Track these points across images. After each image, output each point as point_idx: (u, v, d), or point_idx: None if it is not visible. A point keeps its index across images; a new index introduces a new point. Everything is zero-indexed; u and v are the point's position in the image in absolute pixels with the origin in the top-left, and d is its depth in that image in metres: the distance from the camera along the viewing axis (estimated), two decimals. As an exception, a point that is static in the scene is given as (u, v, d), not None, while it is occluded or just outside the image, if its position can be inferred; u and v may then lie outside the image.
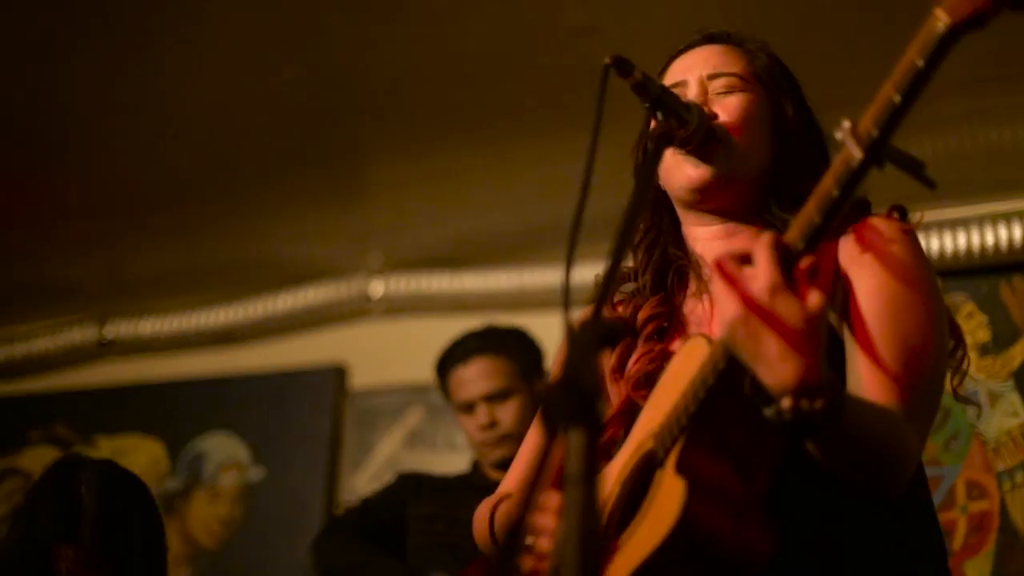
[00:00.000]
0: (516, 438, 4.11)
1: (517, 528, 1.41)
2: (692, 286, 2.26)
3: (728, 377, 1.84)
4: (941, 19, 1.63)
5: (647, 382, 2.15)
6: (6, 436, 6.02)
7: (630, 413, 2.18)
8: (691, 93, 2.23)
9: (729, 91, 2.23)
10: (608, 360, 2.24)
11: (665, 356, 2.17)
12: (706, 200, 2.22)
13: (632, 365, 2.20)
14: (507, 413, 4.11)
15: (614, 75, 2.01)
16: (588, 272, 2.31)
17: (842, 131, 1.74)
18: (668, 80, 2.28)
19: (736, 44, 2.30)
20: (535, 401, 3.98)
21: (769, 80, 2.27)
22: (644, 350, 2.20)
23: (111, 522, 3.02)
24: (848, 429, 1.82)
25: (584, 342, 1.43)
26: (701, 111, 2.14)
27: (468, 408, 4.15)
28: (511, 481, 2.45)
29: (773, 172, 2.22)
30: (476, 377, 4.15)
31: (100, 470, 3.12)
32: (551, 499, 1.94)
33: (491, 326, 4.34)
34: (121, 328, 5.95)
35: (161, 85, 4.43)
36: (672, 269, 2.27)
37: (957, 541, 4.18)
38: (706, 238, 2.26)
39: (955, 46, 1.64)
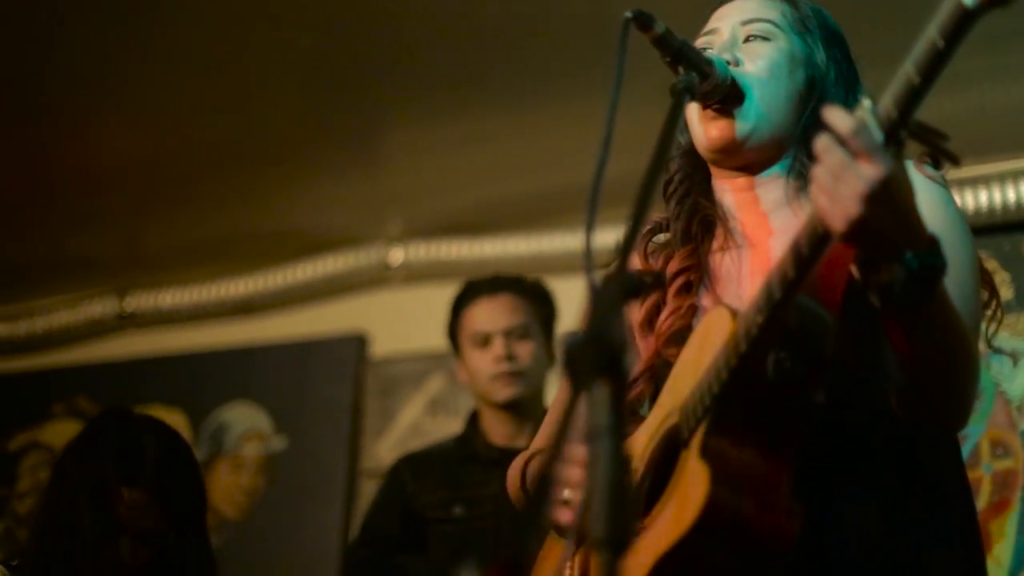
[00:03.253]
0: (529, 378, 4.08)
1: (545, 481, 1.40)
2: (720, 238, 2.24)
3: (751, 359, 1.84)
4: None
5: (678, 339, 2.13)
6: (29, 410, 6.03)
7: (659, 369, 2.18)
8: (721, 39, 2.22)
9: (759, 38, 2.21)
10: (638, 314, 2.23)
11: (694, 311, 2.16)
12: (730, 158, 2.22)
13: (662, 322, 2.18)
14: (525, 350, 4.06)
15: (635, 32, 2.00)
16: (609, 235, 2.30)
17: (862, 110, 1.73)
18: (703, 30, 2.27)
19: None
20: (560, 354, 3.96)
21: (806, 30, 2.24)
22: (673, 306, 2.19)
23: (170, 468, 3.06)
24: (945, 306, 1.86)
25: (609, 295, 1.42)
26: (724, 65, 2.13)
27: (484, 340, 4.08)
28: (542, 438, 2.43)
29: (806, 125, 2.19)
30: (502, 310, 4.10)
31: (152, 420, 3.20)
32: (578, 452, 1.94)
33: (518, 275, 4.32)
34: (141, 301, 5.96)
35: (177, 57, 4.43)
36: (699, 219, 2.26)
37: (982, 500, 4.17)
38: (734, 189, 2.25)
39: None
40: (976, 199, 4.38)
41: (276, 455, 5.56)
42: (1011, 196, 4.40)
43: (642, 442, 2.08)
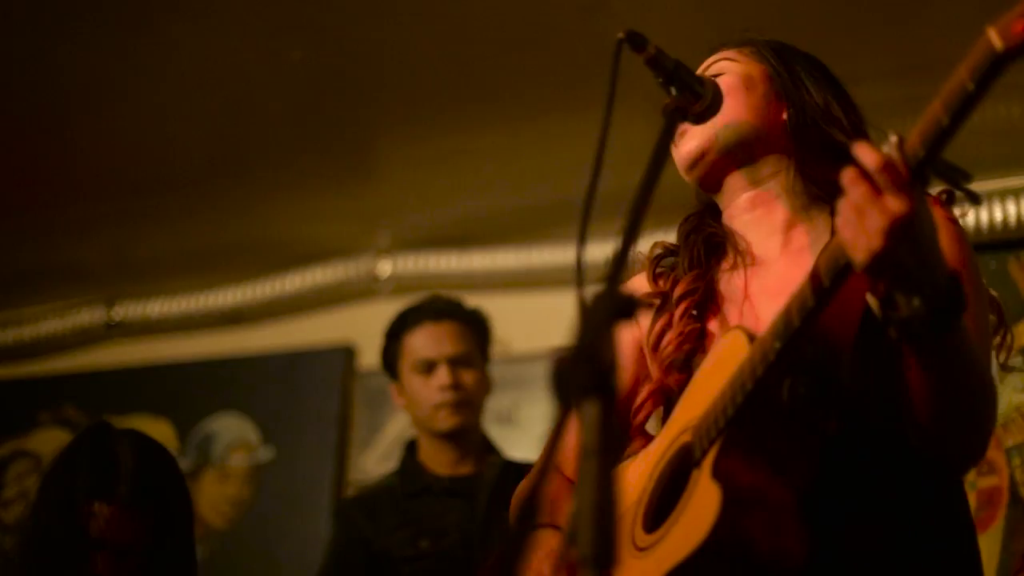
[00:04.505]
0: (474, 407, 4.05)
1: (531, 503, 1.41)
2: (729, 259, 2.27)
3: (766, 384, 1.86)
4: (995, 42, 1.61)
5: (680, 365, 2.16)
6: (16, 418, 6.02)
7: (667, 391, 2.20)
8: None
9: (716, 75, 2.26)
10: (646, 336, 2.26)
11: (700, 337, 2.18)
12: (709, 176, 2.27)
13: (664, 346, 2.21)
14: (470, 378, 4.04)
15: (626, 51, 2.01)
16: (598, 250, 2.31)
17: (889, 146, 1.75)
18: None
19: (739, 44, 2.36)
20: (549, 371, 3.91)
21: (768, 54, 2.31)
22: (678, 330, 2.21)
23: (147, 481, 3.03)
24: (964, 342, 1.87)
25: (599, 313, 1.43)
26: (716, 86, 2.14)
27: (428, 368, 4.04)
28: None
29: (788, 142, 2.25)
30: (444, 337, 4.07)
31: (132, 434, 3.16)
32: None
33: (453, 298, 4.29)
34: (129, 310, 5.96)
35: (168, 66, 4.43)
36: (704, 239, 2.29)
37: (966, 517, 4.18)
38: (738, 212, 2.29)
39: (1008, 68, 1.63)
40: (963, 217, 4.39)
41: (263, 466, 5.56)
42: (998, 215, 4.42)
43: (653, 459, 2.09)
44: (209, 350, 5.82)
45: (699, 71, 2.28)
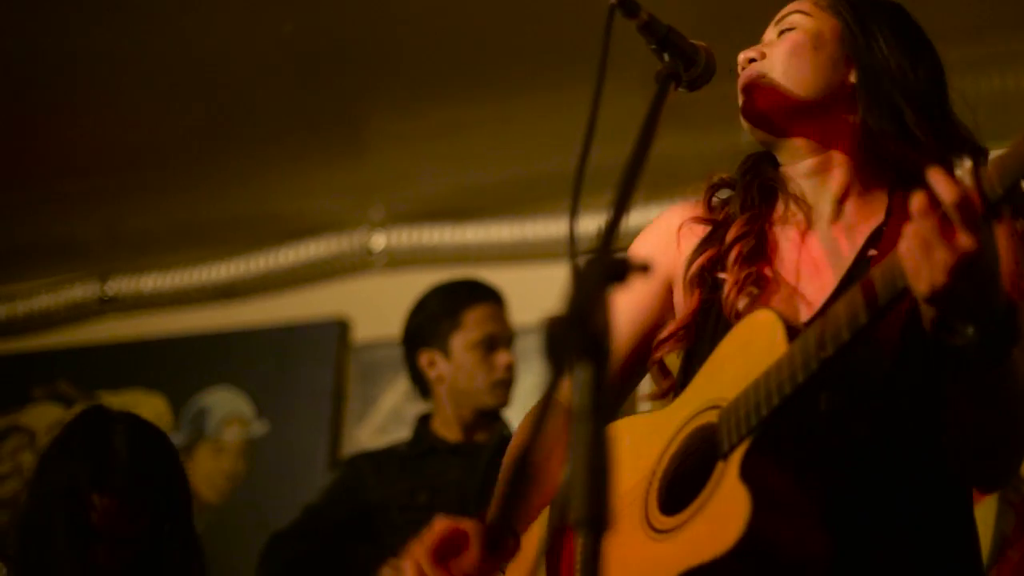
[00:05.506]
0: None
1: (522, 465, 1.40)
2: (780, 208, 2.21)
3: (805, 390, 1.83)
4: None
5: (742, 313, 2.09)
6: (9, 393, 6.02)
7: (700, 327, 2.16)
8: (763, 39, 2.24)
9: (787, 29, 2.21)
10: (688, 264, 2.19)
11: (756, 280, 2.12)
12: (767, 125, 2.20)
13: (728, 292, 2.13)
14: (513, 361, 4.10)
15: (620, 20, 1.99)
16: (592, 222, 2.29)
17: (964, 172, 1.70)
18: None
19: None
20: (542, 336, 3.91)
21: (844, 8, 2.22)
22: (735, 277, 2.13)
23: (143, 470, 3.02)
24: (1013, 372, 1.85)
25: (592, 278, 1.42)
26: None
27: (491, 346, 4.07)
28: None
29: (854, 107, 2.18)
30: (503, 318, 4.12)
31: (130, 421, 3.13)
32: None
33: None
34: (122, 284, 5.95)
35: (160, 41, 4.42)
36: (761, 186, 2.23)
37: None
38: (792, 173, 2.22)
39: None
40: (958, 189, 4.39)
41: (257, 440, 5.56)
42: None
43: (669, 428, 2.05)
44: (203, 324, 5.82)
45: (774, 20, 2.24)
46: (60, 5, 4.22)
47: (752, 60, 2.19)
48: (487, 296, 4.15)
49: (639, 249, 2.31)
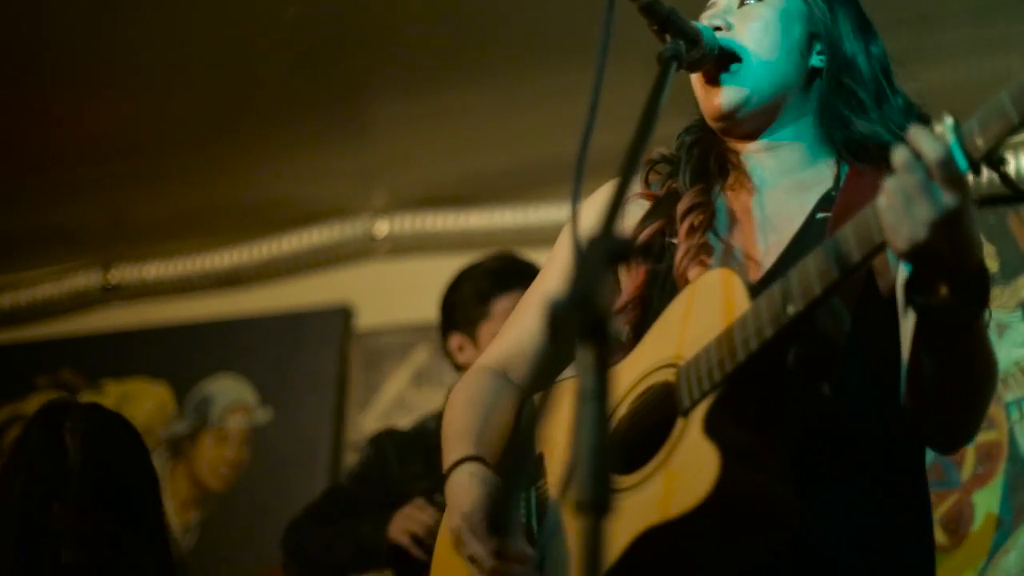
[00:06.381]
0: None
1: (524, 445, 1.39)
2: (731, 179, 2.23)
3: (772, 346, 1.82)
4: None
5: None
6: (13, 383, 6.02)
7: (647, 300, 2.16)
8: (718, 7, 2.22)
9: (753, 0, 2.20)
10: (636, 240, 2.19)
11: (708, 251, 2.13)
12: (734, 126, 2.21)
13: (680, 260, 2.14)
14: None
15: (622, 3, 1.98)
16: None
17: (945, 130, 1.69)
18: (709, 3, 2.25)
19: None
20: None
21: None
22: (687, 246, 2.14)
23: (97, 471, 2.95)
24: (981, 332, 1.87)
25: (594, 259, 1.41)
26: (711, 33, 2.11)
27: None
28: (497, 351, 2.37)
29: (819, 87, 2.19)
30: None
31: (85, 417, 3.03)
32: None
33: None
34: (125, 273, 5.95)
35: (162, 26, 4.41)
36: (713, 157, 2.24)
37: (966, 471, 4.18)
38: (744, 147, 2.24)
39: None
40: (962, 172, 4.37)
41: (261, 427, 5.56)
42: (997, 169, 4.40)
43: (621, 388, 2.03)
44: (206, 312, 5.82)
45: None
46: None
47: (717, 29, 2.17)
48: (518, 283, 4.11)
49: (580, 229, 2.31)
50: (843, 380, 1.93)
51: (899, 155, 1.72)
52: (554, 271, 2.29)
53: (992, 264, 4.30)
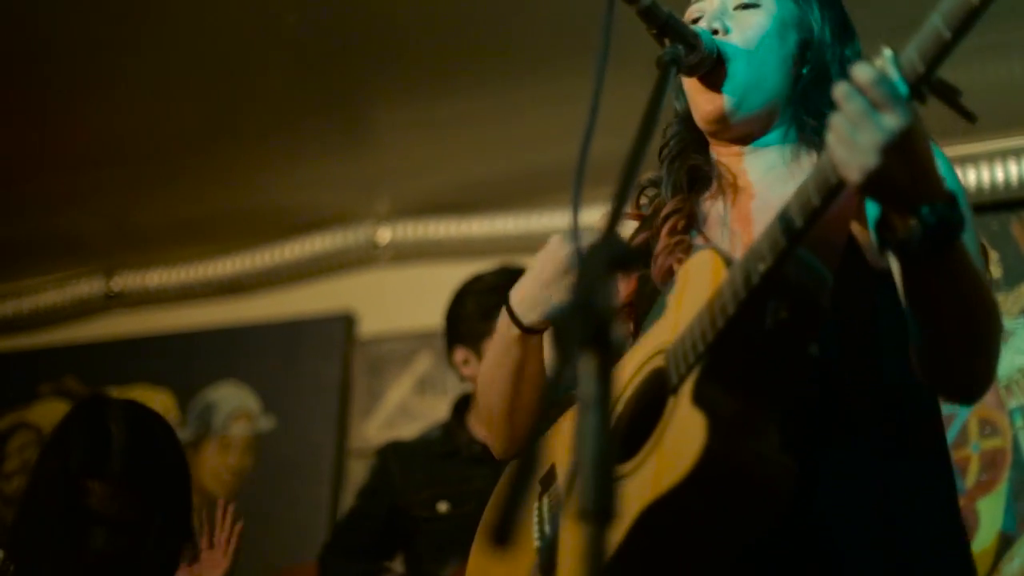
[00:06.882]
0: None
1: (529, 456, 1.39)
2: (713, 188, 2.23)
3: (749, 307, 1.81)
4: None
5: (672, 275, 2.11)
6: (16, 390, 6.02)
7: (643, 304, 2.17)
8: (711, 7, 2.21)
9: (749, 4, 2.19)
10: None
11: (687, 249, 2.13)
12: (725, 131, 2.21)
13: (655, 257, 2.16)
14: None
15: (621, 8, 1.98)
16: (595, 214, 2.28)
17: (883, 60, 1.70)
18: None
19: None
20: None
21: None
22: (665, 243, 2.16)
23: (139, 456, 3.06)
24: (966, 262, 1.84)
25: (597, 265, 1.41)
26: (710, 37, 2.11)
27: None
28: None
29: (804, 89, 2.19)
30: None
31: (126, 408, 3.18)
32: None
33: None
34: (128, 280, 5.95)
35: (164, 34, 4.41)
36: (688, 169, 2.25)
37: (970, 479, 4.17)
38: (731, 154, 2.24)
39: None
40: (965, 178, 4.38)
41: (264, 435, 5.56)
42: (1000, 175, 4.40)
43: (623, 381, 2.03)
44: (209, 319, 5.82)
45: None
46: (62, 2, 4.22)
47: (715, 32, 2.17)
48: None
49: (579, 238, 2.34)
50: (833, 341, 1.92)
51: (840, 88, 1.73)
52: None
53: (995, 271, 4.30)
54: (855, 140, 1.70)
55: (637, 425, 1.95)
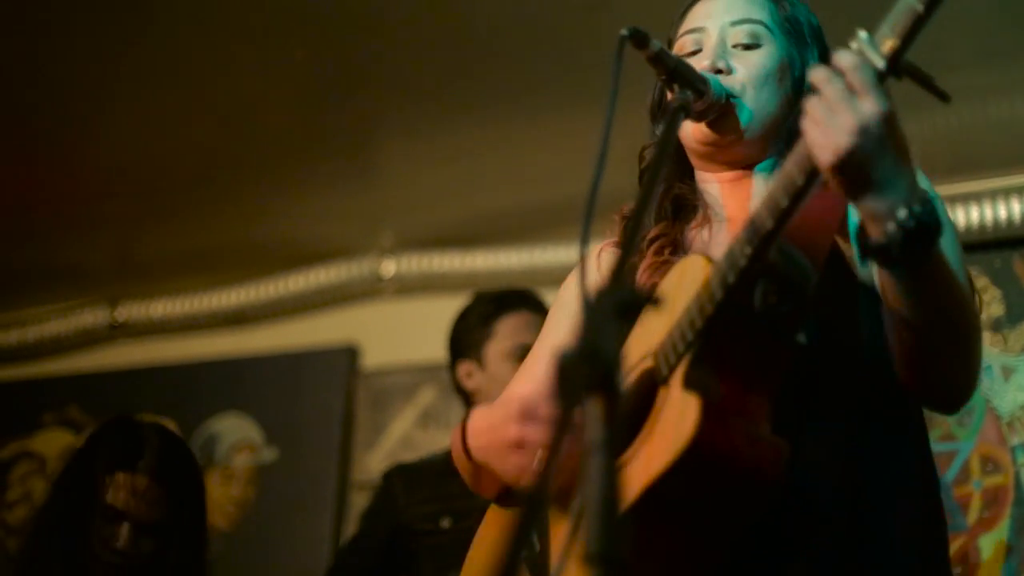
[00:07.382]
0: None
1: (537, 498, 1.40)
2: (698, 218, 2.24)
3: (737, 291, 1.82)
4: None
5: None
6: (19, 419, 6.02)
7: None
8: (710, 41, 2.21)
9: (751, 45, 2.21)
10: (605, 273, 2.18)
11: (670, 268, 2.13)
12: (718, 155, 2.22)
13: (639, 276, 2.17)
14: None
15: (629, 48, 2.00)
16: (592, 248, 2.30)
17: (858, 42, 1.72)
18: (686, 26, 2.26)
19: None
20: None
21: (793, 31, 2.25)
22: (649, 262, 2.18)
23: (169, 460, 3.20)
24: (944, 268, 1.84)
25: (603, 310, 1.42)
26: (719, 84, 2.13)
27: (525, 355, 4.06)
28: (521, 387, 2.37)
29: (793, 122, 2.21)
30: (538, 327, 4.12)
31: (158, 424, 3.39)
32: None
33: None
34: (132, 310, 5.96)
35: (171, 66, 4.43)
36: (672, 199, 2.26)
37: (972, 515, 4.17)
38: (716, 180, 2.26)
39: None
40: (967, 216, 4.38)
41: (267, 466, 5.55)
42: (1002, 213, 4.40)
43: None
44: (212, 351, 5.82)
45: (714, 18, 2.22)
46: (69, 32, 4.23)
47: (719, 71, 2.18)
48: (520, 304, 4.13)
49: (569, 286, 2.37)
50: (820, 330, 1.93)
51: (817, 72, 1.75)
52: (561, 319, 2.31)
53: (998, 308, 4.31)
54: (830, 122, 1.72)
55: (629, 424, 1.94)
